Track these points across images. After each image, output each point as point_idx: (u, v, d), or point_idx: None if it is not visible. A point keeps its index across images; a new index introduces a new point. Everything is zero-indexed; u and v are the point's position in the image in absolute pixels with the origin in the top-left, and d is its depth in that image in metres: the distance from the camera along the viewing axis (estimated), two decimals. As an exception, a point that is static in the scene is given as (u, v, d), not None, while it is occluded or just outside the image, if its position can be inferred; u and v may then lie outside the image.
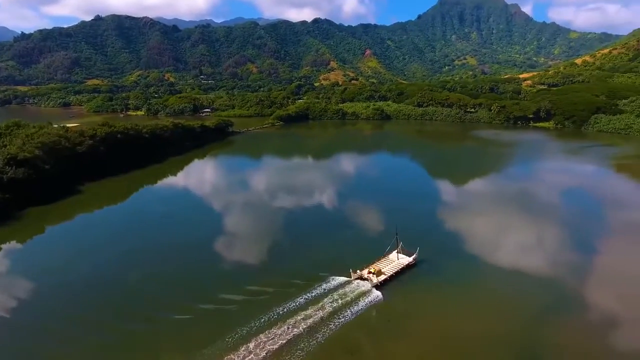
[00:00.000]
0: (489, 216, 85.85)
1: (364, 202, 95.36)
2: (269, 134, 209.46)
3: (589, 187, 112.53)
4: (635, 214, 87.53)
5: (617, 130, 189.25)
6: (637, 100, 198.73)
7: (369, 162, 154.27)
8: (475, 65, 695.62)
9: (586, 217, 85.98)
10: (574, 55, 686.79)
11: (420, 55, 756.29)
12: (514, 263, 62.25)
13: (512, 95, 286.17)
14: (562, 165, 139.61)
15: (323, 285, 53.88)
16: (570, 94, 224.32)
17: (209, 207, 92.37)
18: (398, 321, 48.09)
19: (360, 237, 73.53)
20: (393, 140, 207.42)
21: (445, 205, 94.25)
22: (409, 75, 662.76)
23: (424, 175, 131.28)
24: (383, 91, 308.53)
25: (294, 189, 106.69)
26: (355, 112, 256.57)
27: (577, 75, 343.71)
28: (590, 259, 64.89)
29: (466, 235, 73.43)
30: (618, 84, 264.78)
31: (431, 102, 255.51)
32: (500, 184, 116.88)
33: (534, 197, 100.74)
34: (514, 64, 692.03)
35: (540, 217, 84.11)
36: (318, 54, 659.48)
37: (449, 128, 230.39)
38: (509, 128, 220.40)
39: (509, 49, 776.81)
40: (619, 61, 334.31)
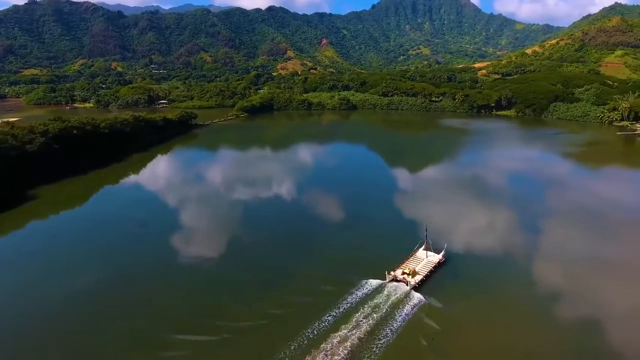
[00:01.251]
0: (472, 206, 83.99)
1: (350, 196, 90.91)
2: (235, 125, 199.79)
3: (544, 173, 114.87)
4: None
5: (575, 117, 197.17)
6: (592, 88, 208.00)
7: (346, 153, 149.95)
8: (429, 55, 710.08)
9: (535, 200, 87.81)
10: (519, 46, 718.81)
11: (375, 45, 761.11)
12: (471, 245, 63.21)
13: (470, 84, 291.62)
14: (521, 152, 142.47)
15: (359, 291, 49.61)
16: (528, 82, 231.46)
17: (187, 209, 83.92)
18: (449, 325, 44.44)
19: (364, 233, 68.96)
20: (361, 130, 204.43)
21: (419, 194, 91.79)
22: (366, 64, 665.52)
23: (393, 165, 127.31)
24: (345, 81, 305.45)
25: (274, 184, 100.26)
26: (321, 102, 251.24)
27: (529, 65, 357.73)
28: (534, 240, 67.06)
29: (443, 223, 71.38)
30: (569, 72, 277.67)
31: (396, 92, 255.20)
32: (474, 171, 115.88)
33: (488, 182, 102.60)
34: (465, 53, 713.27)
35: (492, 201, 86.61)
36: (274, 43, 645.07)
37: (415, 117, 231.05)
38: (473, 116, 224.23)
39: (460, 40, 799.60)
40: (566, 51, 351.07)
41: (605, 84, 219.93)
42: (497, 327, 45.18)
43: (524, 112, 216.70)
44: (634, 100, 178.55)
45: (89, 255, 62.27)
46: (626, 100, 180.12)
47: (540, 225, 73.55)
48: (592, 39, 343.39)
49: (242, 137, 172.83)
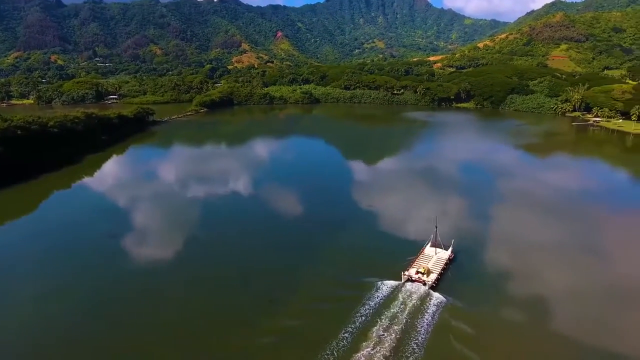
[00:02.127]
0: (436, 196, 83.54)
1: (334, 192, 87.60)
2: (195, 121, 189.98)
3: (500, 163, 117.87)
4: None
5: (531, 109, 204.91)
6: (545, 81, 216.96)
7: (313, 148, 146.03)
8: (383, 48, 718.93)
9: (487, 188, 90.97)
10: (469, 40, 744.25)
11: (331, 38, 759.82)
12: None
13: (428, 77, 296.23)
14: (486, 144, 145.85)
15: (377, 294, 47.50)
16: (485, 75, 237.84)
17: (156, 215, 76.74)
18: (478, 326, 42.73)
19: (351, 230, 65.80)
20: (326, 124, 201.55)
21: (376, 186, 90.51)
22: (322, 58, 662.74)
23: (364, 159, 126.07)
24: (305, 74, 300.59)
25: (242, 182, 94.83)
26: (283, 96, 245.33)
27: (481, 58, 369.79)
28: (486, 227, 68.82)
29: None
30: (520, 65, 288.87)
31: (358, 85, 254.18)
32: (441, 162, 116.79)
33: (452, 174, 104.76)
34: (418, 47, 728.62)
35: (446, 191, 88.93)
36: (228, 36, 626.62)
37: (378, 110, 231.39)
38: (434, 109, 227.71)
39: (413, 34, 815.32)
40: (515, 45, 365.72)
41: (555, 76, 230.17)
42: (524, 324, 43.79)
43: (483, 104, 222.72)
44: (585, 92, 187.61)
45: (48, 281, 53.42)
46: (577, 92, 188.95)
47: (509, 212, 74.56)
48: (539, 33, 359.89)
49: (204, 134, 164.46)
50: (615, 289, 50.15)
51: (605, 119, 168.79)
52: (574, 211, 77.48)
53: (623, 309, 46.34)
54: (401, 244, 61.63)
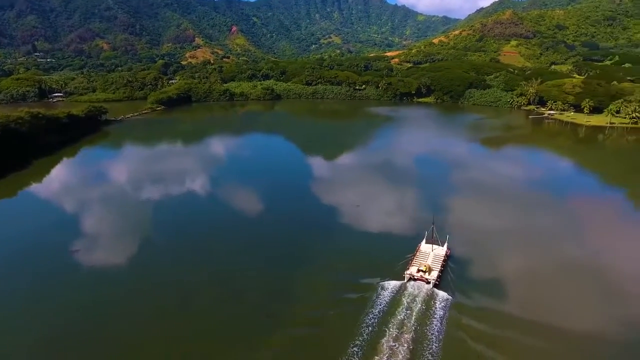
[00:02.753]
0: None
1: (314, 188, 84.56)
2: (152, 120, 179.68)
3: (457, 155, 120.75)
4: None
5: (489, 103, 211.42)
6: (500, 76, 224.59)
7: (276, 145, 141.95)
8: (340, 43, 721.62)
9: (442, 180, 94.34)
10: (422, 36, 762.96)
11: (287, 33, 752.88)
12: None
13: (387, 72, 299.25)
14: (444, 137, 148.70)
15: (381, 296, 46.26)
16: (444, 71, 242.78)
17: (118, 222, 70.32)
18: (489, 323, 42.24)
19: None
20: (291, 120, 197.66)
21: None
22: (279, 53, 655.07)
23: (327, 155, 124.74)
24: (264, 69, 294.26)
25: (216, 184, 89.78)
26: (244, 93, 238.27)
27: (437, 54, 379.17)
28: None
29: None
30: (475, 60, 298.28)
31: (320, 80, 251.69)
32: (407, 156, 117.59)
33: (413, 167, 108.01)
34: (374, 43, 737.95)
35: (402, 183, 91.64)
36: (180, 30, 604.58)
37: (341, 106, 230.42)
38: (396, 104, 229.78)
39: (368, 29, 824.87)
40: (468, 41, 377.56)
41: (509, 71, 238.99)
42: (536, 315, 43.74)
43: (443, 99, 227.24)
44: (538, 87, 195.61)
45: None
46: (531, 86, 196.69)
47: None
48: (490, 30, 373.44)
49: (162, 133, 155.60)
50: (567, 268, 53.74)
51: (558, 111, 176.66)
52: (529, 199, 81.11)
53: (575, 286, 49.73)
54: (391, 241, 61.13)
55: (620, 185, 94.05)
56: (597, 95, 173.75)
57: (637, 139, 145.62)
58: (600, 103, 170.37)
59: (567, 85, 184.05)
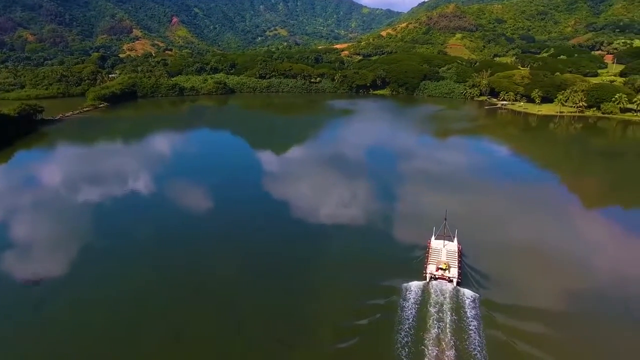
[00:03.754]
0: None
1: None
2: (95, 119, 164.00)
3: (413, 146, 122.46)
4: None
5: (443, 94, 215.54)
6: (452, 68, 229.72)
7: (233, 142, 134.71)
8: (286, 36, 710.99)
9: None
10: (367, 29, 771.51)
11: (231, 25, 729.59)
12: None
13: (339, 65, 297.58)
14: (409, 130, 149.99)
15: (409, 298, 45.17)
16: (397, 63, 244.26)
17: (67, 232, 61.39)
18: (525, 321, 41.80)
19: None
20: (242, 115, 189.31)
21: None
22: (224, 45, 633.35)
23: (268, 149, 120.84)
24: (212, 62, 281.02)
25: (146, 188, 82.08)
26: (194, 87, 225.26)
27: (386, 46, 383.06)
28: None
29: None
30: (425, 53, 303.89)
31: (274, 74, 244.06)
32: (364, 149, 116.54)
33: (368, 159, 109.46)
34: (320, 35, 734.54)
35: (356, 174, 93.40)
36: (115, 20, 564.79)
37: (297, 99, 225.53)
38: (353, 96, 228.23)
39: (314, 21, 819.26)
40: (415, 34, 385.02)
41: (460, 63, 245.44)
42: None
43: (398, 91, 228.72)
44: (489, 78, 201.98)
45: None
46: (483, 78, 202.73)
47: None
48: (436, 23, 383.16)
49: (108, 132, 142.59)
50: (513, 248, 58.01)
51: (510, 102, 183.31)
52: (486, 186, 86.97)
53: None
54: (393, 240, 60.65)
55: (558, 170, 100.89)
56: (544, 85, 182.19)
57: (583, 126, 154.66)
58: (547, 93, 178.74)
59: (516, 76, 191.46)
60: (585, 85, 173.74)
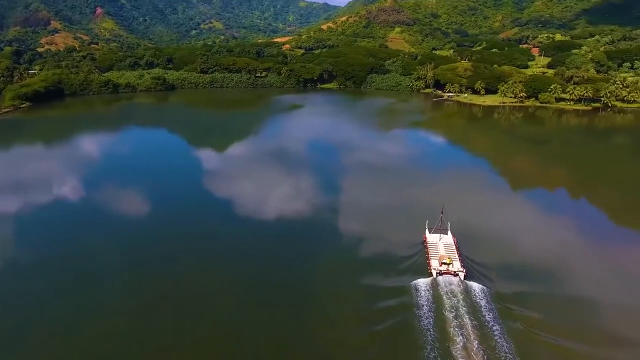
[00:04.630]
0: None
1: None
2: (17, 120, 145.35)
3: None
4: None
5: (390, 87, 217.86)
6: (397, 61, 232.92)
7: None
8: (222, 29, 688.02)
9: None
10: (305, 22, 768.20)
11: (162, 17, 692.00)
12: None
13: (282, 59, 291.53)
14: (366, 123, 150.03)
15: (420, 297, 43.95)
16: (343, 56, 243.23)
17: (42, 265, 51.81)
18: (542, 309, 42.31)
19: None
20: (185, 112, 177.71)
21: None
22: (156, 39, 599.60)
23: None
24: (147, 57, 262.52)
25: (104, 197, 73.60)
26: (130, 84, 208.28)
27: (327, 40, 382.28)
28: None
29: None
30: (368, 47, 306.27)
31: (216, 68, 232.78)
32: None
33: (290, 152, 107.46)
34: (258, 29, 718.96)
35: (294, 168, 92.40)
36: (29, 11, 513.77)
37: (243, 94, 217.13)
38: (301, 90, 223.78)
39: (250, 14, 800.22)
40: (356, 28, 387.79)
41: (404, 56, 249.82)
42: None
43: (345, 85, 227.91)
44: (434, 70, 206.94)
45: None
46: (429, 70, 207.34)
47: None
48: (375, 17, 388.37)
49: (35, 137, 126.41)
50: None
51: (456, 94, 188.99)
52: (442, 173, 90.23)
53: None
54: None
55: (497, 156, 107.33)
56: (486, 77, 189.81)
57: (524, 115, 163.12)
58: (489, 85, 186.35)
59: (459, 69, 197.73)
60: (522, 77, 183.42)
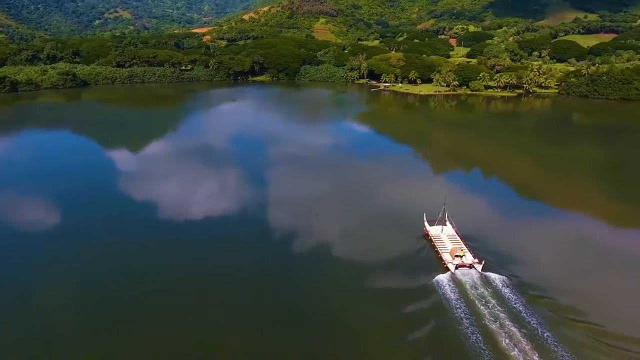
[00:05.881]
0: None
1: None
2: None
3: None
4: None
5: (325, 78, 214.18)
6: (329, 52, 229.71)
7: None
8: (131, 19, 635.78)
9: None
10: (222, 13, 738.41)
11: (58, 5, 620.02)
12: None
13: (205, 50, 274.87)
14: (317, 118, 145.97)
15: (447, 294, 42.45)
16: (272, 48, 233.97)
17: None
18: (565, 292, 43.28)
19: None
20: (100, 112, 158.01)
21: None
22: (53, 29, 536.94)
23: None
24: (48, 50, 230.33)
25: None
26: (32, 80, 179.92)
27: (250, 31, 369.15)
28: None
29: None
30: (292, 37, 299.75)
31: (135, 61, 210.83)
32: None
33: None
34: (171, 19, 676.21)
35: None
36: None
37: (168, 90, 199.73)
38: (232, 84, 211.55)
39: (161, 3, 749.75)
40: (279, 18, 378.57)
41: (336, 47, 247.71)
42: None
43: (278, 77, 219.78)
44: (368, 61, 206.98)
45: None
46: (362, 61, 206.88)
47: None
48: (299, 7, 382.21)
49: None
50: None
51: (392, 83, 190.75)
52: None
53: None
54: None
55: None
56: (417, 67, 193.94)
57: (457, 103, 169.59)
58: (421, 74, 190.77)
59: (392, 59, 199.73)
60: (451, 66, 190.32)
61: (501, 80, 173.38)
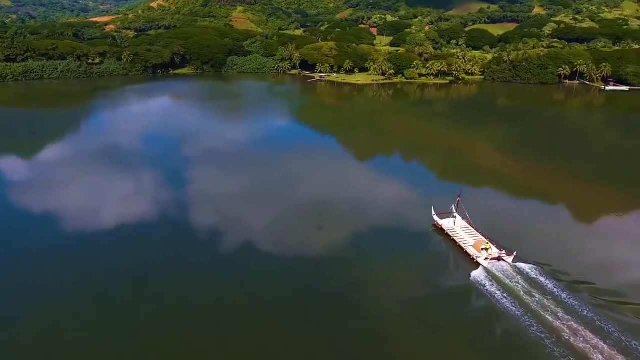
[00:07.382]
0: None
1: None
2: None
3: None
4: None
5: (254, 70, 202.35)
6: (257, 42, 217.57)
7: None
8: (11, 6, 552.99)
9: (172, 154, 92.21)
10: (122, 1, 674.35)
11: None
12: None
13: (112, 41, 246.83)
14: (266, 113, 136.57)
15: (491, 290, 41.45)
16: (194, 38, 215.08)
17: None
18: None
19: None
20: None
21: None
22: None
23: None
24: None
25: None
26: None
27: (161, 20, 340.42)
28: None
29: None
30: (210, 26, 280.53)
31: (29, 54, 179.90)
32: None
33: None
34: (62, 7, 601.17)
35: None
36: None
37: (74, 87, 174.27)
38: (151, 79, 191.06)
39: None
40: (193, 6, 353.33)
41: (263, 37, 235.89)
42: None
43: (203, 69, 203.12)
44: (300, 51, 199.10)
45: None
46: (294, 51, 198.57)
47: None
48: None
49: None
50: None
51: (327, 74, 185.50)
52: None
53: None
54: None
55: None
56: (350, 56, 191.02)
57: (394, 92, 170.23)
58: (355, 63, 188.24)
59: (325, 49, 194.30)
60: (384, 55, 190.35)
61: (433, 68, 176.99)
